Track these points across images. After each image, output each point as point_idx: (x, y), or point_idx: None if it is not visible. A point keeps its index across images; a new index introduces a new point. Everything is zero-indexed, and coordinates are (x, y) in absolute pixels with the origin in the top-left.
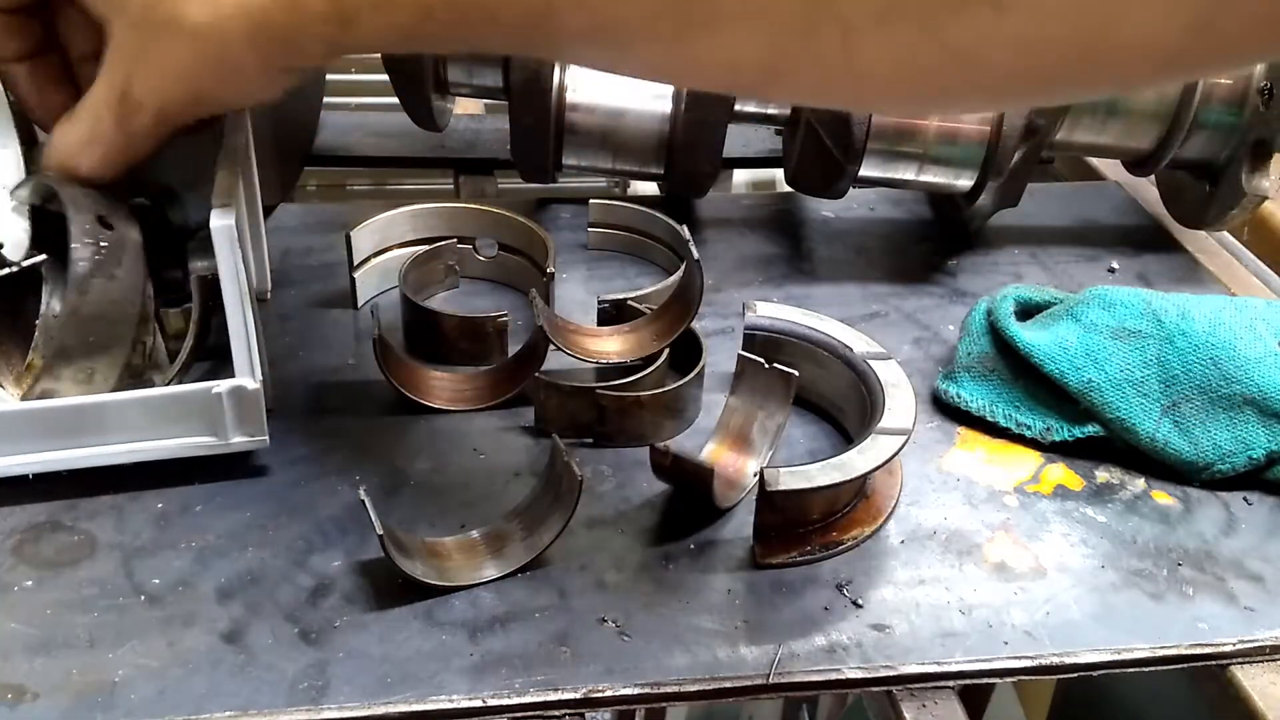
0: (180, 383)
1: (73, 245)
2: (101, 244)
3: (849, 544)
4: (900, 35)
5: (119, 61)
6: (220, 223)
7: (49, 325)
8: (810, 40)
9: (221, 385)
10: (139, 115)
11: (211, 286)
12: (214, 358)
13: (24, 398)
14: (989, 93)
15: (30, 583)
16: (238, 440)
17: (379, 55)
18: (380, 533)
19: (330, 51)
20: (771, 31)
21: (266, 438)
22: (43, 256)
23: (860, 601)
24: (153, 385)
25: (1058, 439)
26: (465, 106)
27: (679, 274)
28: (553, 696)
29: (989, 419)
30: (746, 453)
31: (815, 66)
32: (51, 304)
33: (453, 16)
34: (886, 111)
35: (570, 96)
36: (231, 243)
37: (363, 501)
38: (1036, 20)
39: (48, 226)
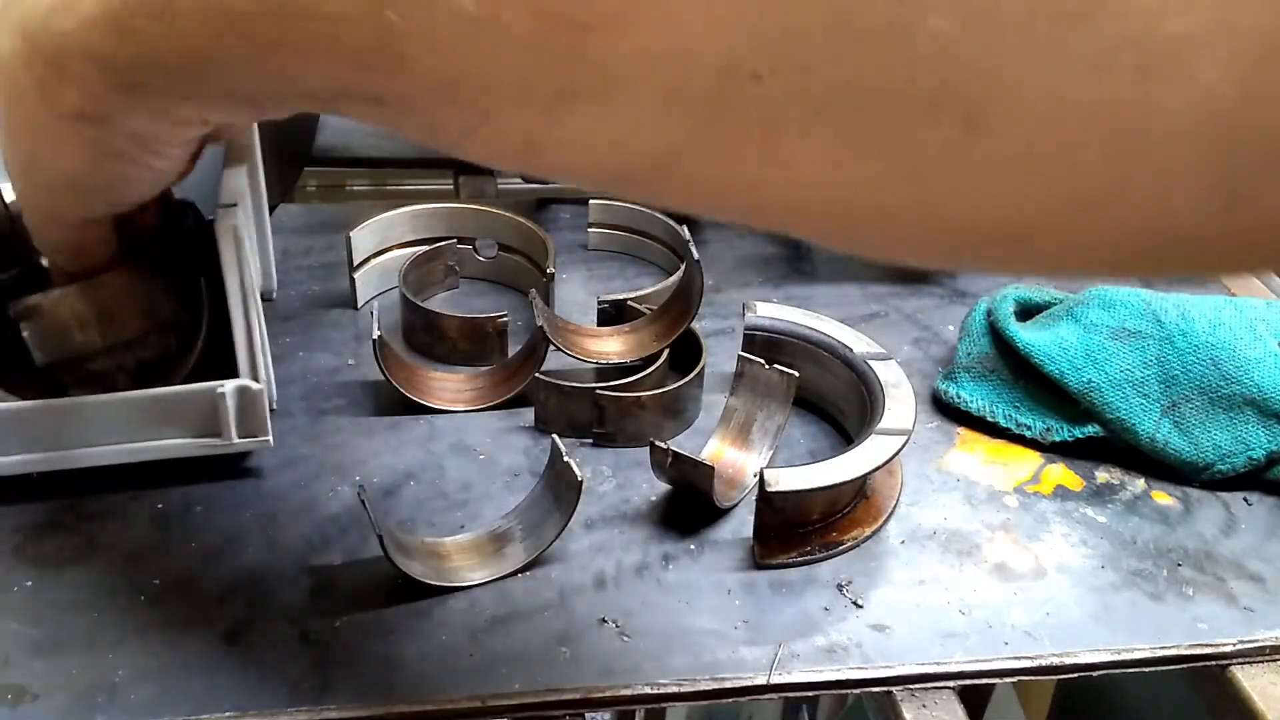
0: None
1: None
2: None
3: (849, 544)
4: (839, 138)
5: None
6: (225, 222)
7: None
8: (719, 127)
9: (225, 385)
10: None
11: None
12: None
13: None
14: (937, 238)
15: (30, 583)
16: (240, 441)
17: None
18: (380, 533)
19: (106, 80)
20: (674, 112)
21: (270, 438)
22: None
23: (860, 601)
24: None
25: (1058, 439)
26: None
27: (679, 274)
28: (553, 697)
29: (989, 419)
30: (747, 453)
31: (720, 161)
32: None
33: (266, 35)
34: (800, 235)
35: None
36: (236, 242)
37: (363, 501)
38: (1015, 146)
39: None
